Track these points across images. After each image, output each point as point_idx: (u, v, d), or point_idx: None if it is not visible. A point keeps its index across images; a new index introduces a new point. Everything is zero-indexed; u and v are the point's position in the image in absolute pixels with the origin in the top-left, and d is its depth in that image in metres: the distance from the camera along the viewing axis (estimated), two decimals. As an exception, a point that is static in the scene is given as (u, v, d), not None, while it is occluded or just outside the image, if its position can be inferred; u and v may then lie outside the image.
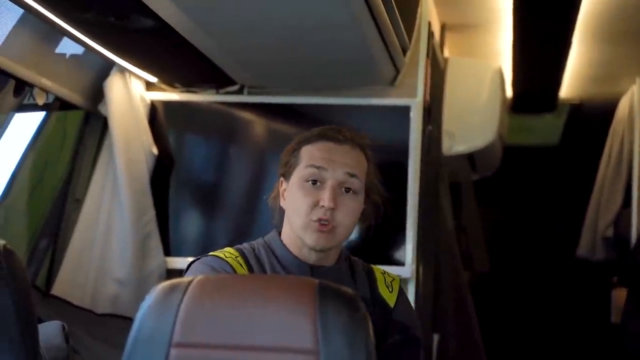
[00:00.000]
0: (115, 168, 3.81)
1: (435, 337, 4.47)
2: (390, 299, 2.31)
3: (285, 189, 2.30)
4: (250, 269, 2.23)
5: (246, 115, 4.03)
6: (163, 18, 2.83)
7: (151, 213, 3.88)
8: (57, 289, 3.75)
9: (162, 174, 3.97)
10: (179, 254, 3.95)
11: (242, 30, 3.04)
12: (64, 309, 3.66)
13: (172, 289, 1.70)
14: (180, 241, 4.00)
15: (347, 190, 2.23)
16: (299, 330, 1.62)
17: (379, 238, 3.86)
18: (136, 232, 3.80)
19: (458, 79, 4.86)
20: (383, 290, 2.32)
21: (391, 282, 2.36)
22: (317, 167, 2.22)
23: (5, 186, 3.47)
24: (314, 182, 2.22)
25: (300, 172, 2.24)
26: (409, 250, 3.80)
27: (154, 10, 2.74)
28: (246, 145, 4.06)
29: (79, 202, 3.89)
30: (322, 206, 2.19)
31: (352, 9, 2.76)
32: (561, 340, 7.41)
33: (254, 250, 2.30)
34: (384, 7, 2.95)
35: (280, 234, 2.32)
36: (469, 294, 5.04)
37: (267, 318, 1.64)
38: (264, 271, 2.25)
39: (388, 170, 3.84)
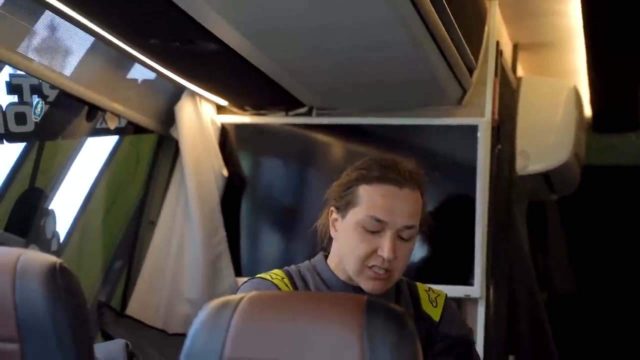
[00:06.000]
0: (186, 190, 3.88)
1: (511, 358, 4.44)
2: (435, 314, 2.33)
3: (336, 219, 2.29)
4: (295, 289, 2.28)
5: (315, 136, 4.06)
6: (227, 43, 2.88)
7: (222, 234, 3.92)
8: (131, 309, 3.82)
9: (233, 196, 4.02)
10: (250, 274, 3.94)
11: (304, 54, 3.08)
12: (138, 328, 3.73)
13: (224, 305, 1.74)
14: (251, 261, 4.04)
15: (404, 238, 2.22)
16: (346, 346, 1.63)
17: (448, 258, 3.85)
18: (207, 253, 3.85)
19: (531, 98, 4.81)
20: (427, 307, 2.34)
21: (436, 297, 2.38)
22: (378, 220, 2.20)
23: (80, 208, 3.54)
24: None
25: (358, 215, 2.21)
26: (477, 270, 3.77)
27: (217, 35, 2.79)
28: (315, 165, 4.09)
29: (153, 224, 3.96)
30: (381, 256, 2.19)
31: (409, 29, 2.77)
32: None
33: (300, 272, 2.35)
34: (445, 27, 2.95)
35: (326, 256, 2.35)
36: (546, 315, 4.98)
37: (315, 334, 1.65)
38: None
39: (456, 189, 3.89)
